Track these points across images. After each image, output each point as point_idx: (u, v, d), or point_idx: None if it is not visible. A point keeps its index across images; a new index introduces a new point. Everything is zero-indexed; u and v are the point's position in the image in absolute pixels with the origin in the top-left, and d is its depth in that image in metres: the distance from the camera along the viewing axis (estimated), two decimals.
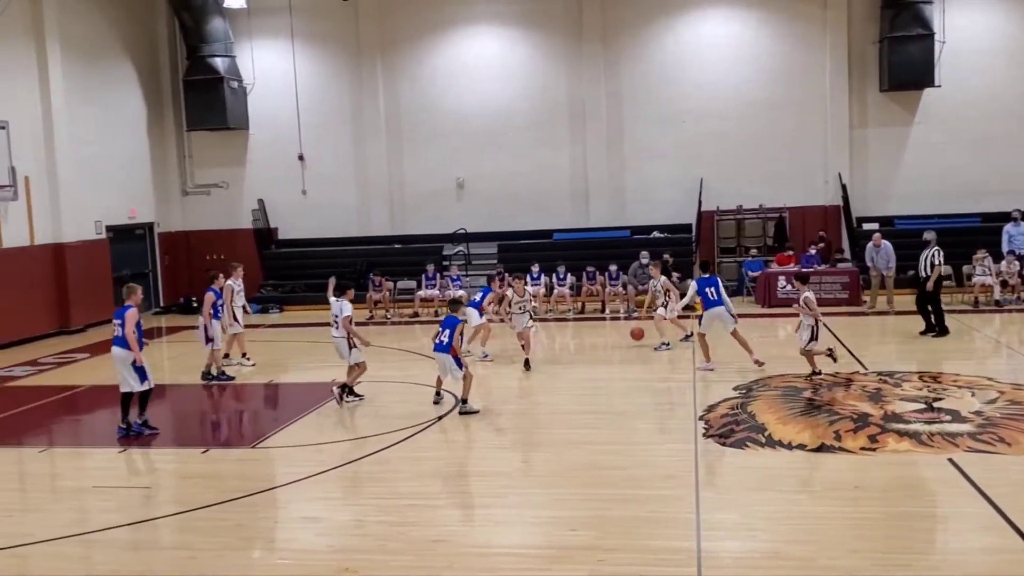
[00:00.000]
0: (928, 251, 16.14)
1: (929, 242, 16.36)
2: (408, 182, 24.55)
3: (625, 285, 19.90)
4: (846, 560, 6.70)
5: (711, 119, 22.96)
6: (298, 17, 24.01)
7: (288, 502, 8.74)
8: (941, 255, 16.01)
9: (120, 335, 10.94)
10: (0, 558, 7.45)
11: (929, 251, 16.12)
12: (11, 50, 18.94)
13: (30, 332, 19.10)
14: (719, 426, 10.45)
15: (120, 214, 22.73)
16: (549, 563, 6.86)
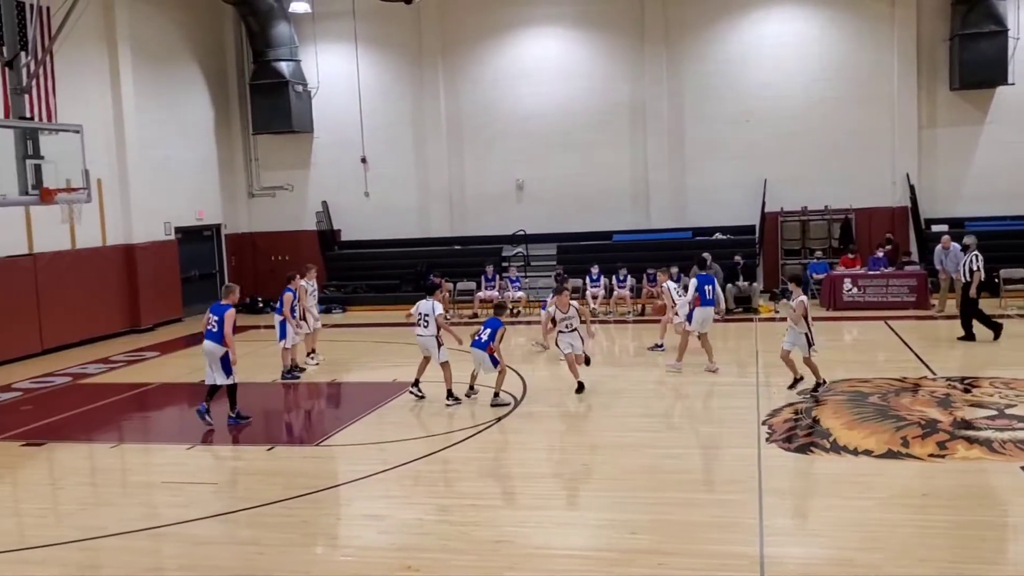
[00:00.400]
0: (967, 256, 15.87)
1: (968, 247, 16.08)
2: (468, 184, 24.70)
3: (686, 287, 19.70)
4: (913, 569, 6.58)
5: (775, 119, 22.67)
6: (361, 21, 24.30)
7: (351, 500, 8.87)
8: (980, 260, 15.66)
9: (216, 331, 11.49)
10: (73, 550, 7.69)
11: (968, 256, 15.84)
12: (85, 56, 19.51)
13: (102, 331, 19.64)
14: (782, 431, 10.32)
15: (188, 216, 23.25)
16: (610, 566, 6.85)
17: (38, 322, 17.86)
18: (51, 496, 9.64)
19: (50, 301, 18.13)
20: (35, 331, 17.79)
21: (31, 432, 11.87)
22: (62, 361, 17.22)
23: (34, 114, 16.49)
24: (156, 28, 22.21)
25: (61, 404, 13.80)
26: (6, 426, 12.25)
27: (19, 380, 15.50)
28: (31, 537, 8.14)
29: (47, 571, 7.26)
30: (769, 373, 13.72)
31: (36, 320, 17.82)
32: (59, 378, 15.73)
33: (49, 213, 15.35)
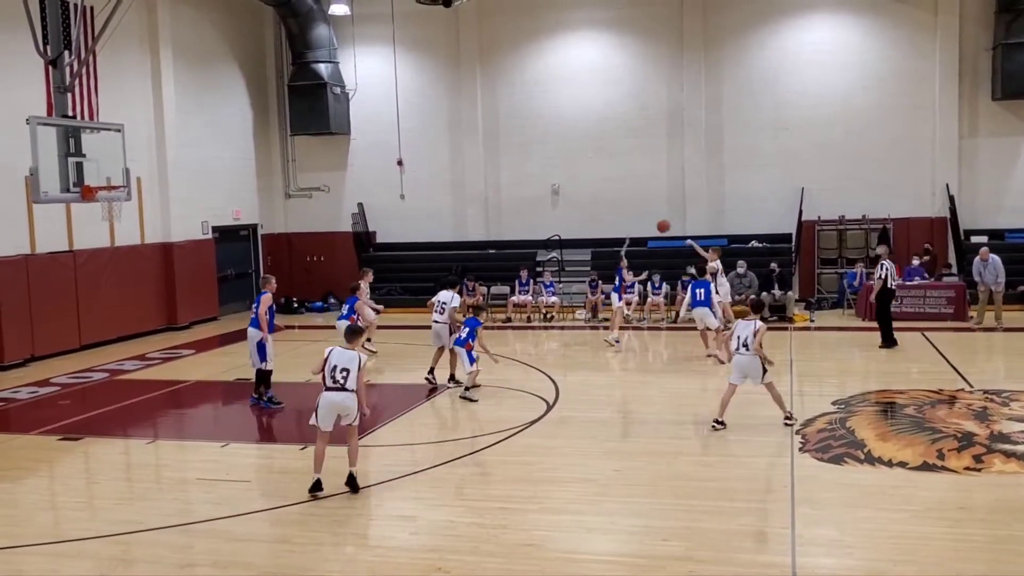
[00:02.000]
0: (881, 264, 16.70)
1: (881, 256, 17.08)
2: (504, 187, 24.74)
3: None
4: None
5: (814, 127, 22.48)
6: (400, 24, 24.43)
7: (383, 500, 8.90)
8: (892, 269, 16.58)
9: (255, 317, 12.39)
10: (108, 544, 7.79)
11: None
12: (128, 57, 19.79)
13: (139, 328, 19.89)
14: (816, 441, 10.22)
15: (225, 215, 23.50)
16: (641, 572, 6.82)
17: (77, 318, 18.13)
18: (87, 490, 9.79)
19: (89, 298, 18.40)
20: (74, 327, 18.06)
21: (68, 427, 12.05)
22: (100, 357, 17.46)
23: (77, 113, 16.73)
24: (197, 30, 22.49)
25: (98, 399, 14.01)
26: (44, 420, 12.46)
27: (57, 375, 15.74)
28: (66, 530, 8.27)
29: (82, 564, 7.36)
30: (803, 383, 13.61)
31: (75, 316, 18.09)
32: (96, 374, 15.96)
33: (89, 211, 15.61)
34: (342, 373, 8.77)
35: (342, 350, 8.90)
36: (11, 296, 16.53)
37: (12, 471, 10.23)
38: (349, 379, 8.77)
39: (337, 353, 8.87)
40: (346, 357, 8.84)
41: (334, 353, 8.88)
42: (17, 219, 16.84)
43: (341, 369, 8.78)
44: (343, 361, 8.81)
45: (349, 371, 8.78)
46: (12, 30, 15.84)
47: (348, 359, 8.82)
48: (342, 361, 8.82)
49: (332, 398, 8.80)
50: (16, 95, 16.29)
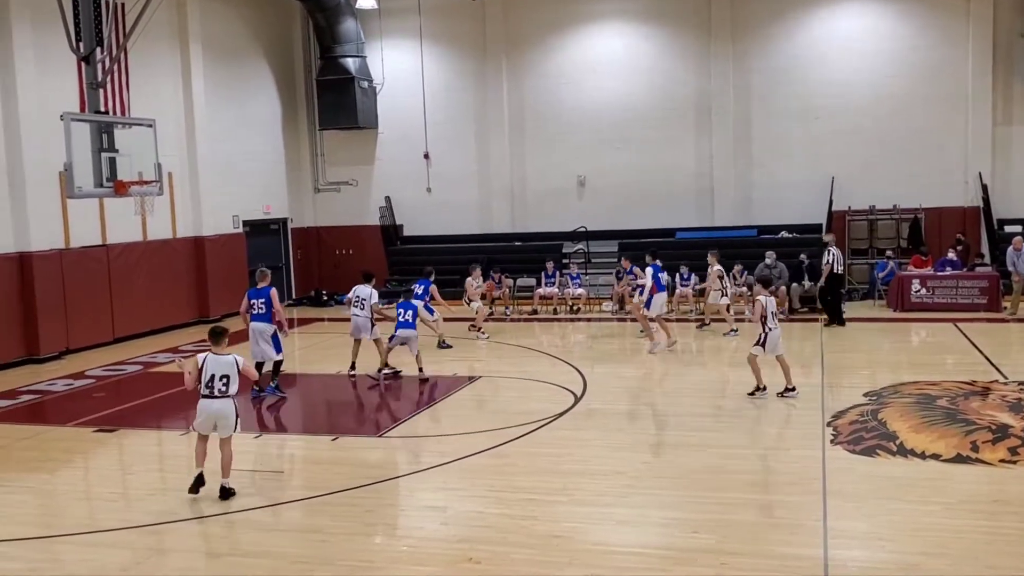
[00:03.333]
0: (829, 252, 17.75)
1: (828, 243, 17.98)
2: (530, 179, 24.73)
3: (750, 287, 19.48)
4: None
5: (844, 116, 22.26)
6: (427, 17, 24.48)
7: (413, 491, 8.97)
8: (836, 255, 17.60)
9: (264, 312, 12.67)
10: (143, 534, 7.90)
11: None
12: (158, 52, 19.96)
13: (172, 321, 20.10)
14: (848, 433, 10.16)
15: (256, 209, 23.67)
16: (671, 564, 6.82)
17: (110, 312, 18.36)
18: (122, 481, 9.92)
19: (122, 292, 18.62)
20: (107, 320, 18.29)
21: (103, 419, 12.22)
22: (133, 350, 17.68)
23: (109, 108, 16.95)
24: (226, 25, 22.64)
25: (132, 392, 14.20)
26: (79, 412, 12.65)
27: (92, 368, 15.96)
28: (102, 520, 8.39)
29: (118, 553, 7.46)
30: (833, 374, 13.52)
31: (109, 310, 18.32)
32: (130, 366, 16.16)
33: (122, 206, 15.81)
34: (221, 381, 8.65)
35: (216, 357, 8.72)
36: (46, 290, 16.77)
37: (49, 462, 10.39)
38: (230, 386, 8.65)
39: (212, 360, 8.69)
40: (223, 363, 8.69)
41: (209, 360, 8.68)
42: (52, 214, 17.07)
43: (220, 376, 8.65)
44: (220, 368, 8.66)
45: (229, 377, 8.66)
46: (46, 28, 16.08)
47: (226, 365, 8.68)
48: (219, 368, 8.66)
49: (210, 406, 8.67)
50: (50, 92, 16.51)
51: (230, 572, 7.09)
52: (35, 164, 16.45)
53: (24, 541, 7.82)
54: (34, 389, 14.44)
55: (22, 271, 16.50)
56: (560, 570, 6.78)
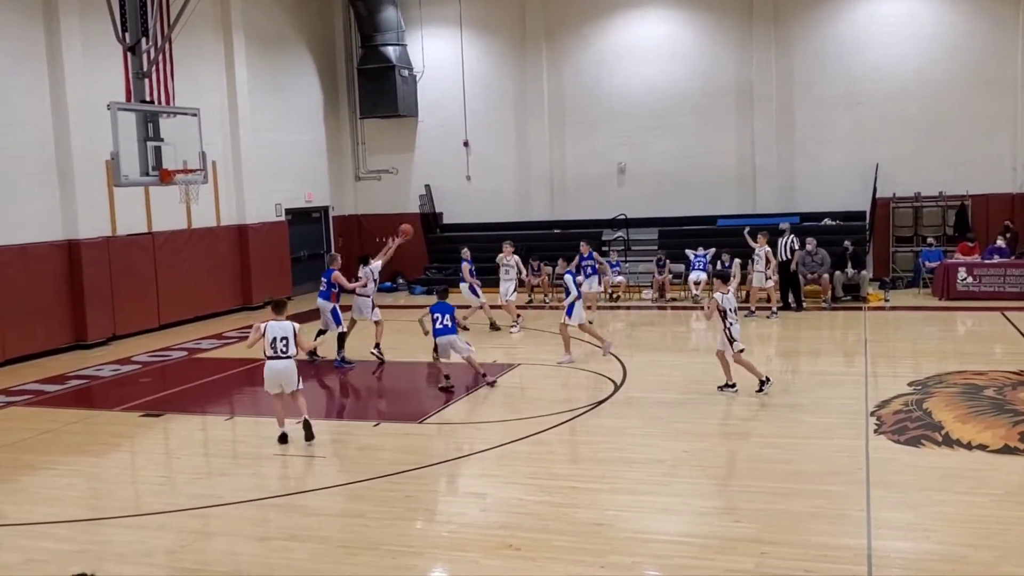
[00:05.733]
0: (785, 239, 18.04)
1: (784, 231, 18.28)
2: (569, 167, 24.66)
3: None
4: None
5: (889, 101, 21.89)
6: (466, 5, 24.48)
7: (453, 477, 9.03)
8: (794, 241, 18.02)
9: (324, 290, 14.36)
10: (188, 517, 8.04)
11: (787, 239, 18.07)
12: (202, 42, 20.18)
13: (216, 308, 20.37)
14: (892, 423, 10.03)
15: (297, 198, 23.88)
16: (712, 553, 6.79)
17: (156, 298, 18.65)
18: (167, 465, 10.10)
19: (167, 279, 18.90)
20: (153, 307, 18.59)
21: (149, 403, 12.44)
22: (178, 336, 17.95)
23: (154, 98, 17.17)
24: (268, 15, 22.81)
25: (177, 377, 14.42)
26: (126, 397, 12.88)
27: (138, 353, 16.23)
28: (148, 504, 8.53)
29: (164, 536, 7.60)
30: (877, 363, 13.36)
31: (154, 297, 18.62)
32: (175, 352, 16.42)
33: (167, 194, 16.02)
34: (282, 342, 9.90)
35: (277, 323, 10.02)
36: (94, 277, 17.07)
37: (96, 446, 10.60)
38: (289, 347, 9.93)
39: (273, 326, 9.97)
40: (283, 328, 9.98)
41: (271, 326, 9.97)
42: (99, 202, 17.36)
43: (280, 339, 9.90)
44: (281, 332, 9.94)
45: (288, 339, 9.94)
46: (93, 19, 16.35)
47: (285, 329, 9.98)
48: (280, 332, 9.94)
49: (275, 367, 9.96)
50: (97, 82, 16.77)
51: (274, 555, 7.18)
52: (83, 153, 16.73)
53: (74, 523, 8.00)
54: (82, 374, 14.74)
55: (70, 258, 16.81)
56: (600, 557, 6.78)
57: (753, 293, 18.22)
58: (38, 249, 16.24)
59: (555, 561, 6.77)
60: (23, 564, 7.11)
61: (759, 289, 18.00)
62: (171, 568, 6.96)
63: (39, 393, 13.41)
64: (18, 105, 15.98)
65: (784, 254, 18.22)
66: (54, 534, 7.74)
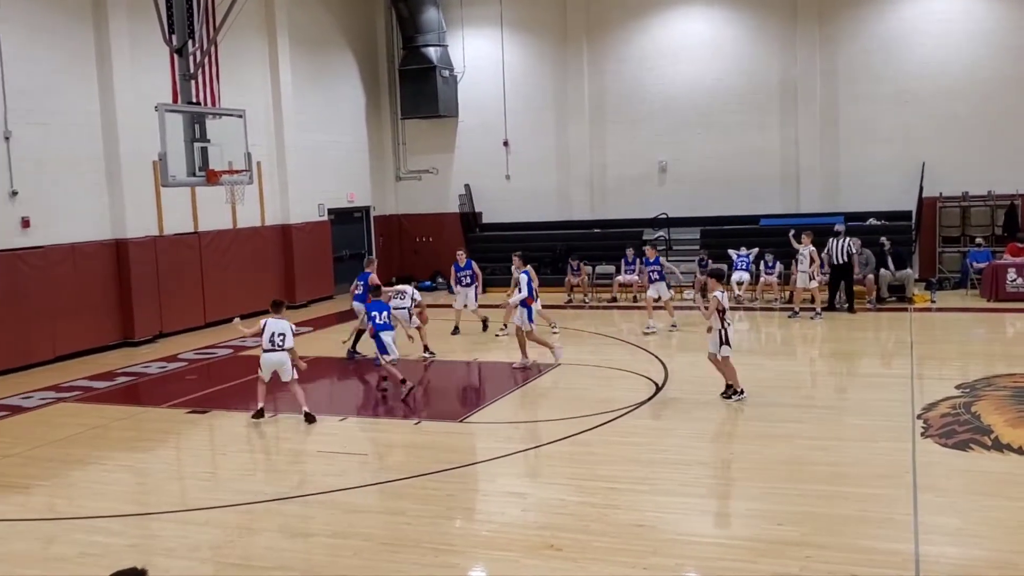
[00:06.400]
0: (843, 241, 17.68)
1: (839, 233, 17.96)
2: (609, 166, 24.59)
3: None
4: None
5: (936, 99, 21.54)
6: (507, 5, 24.52)
7: (494, 476, 9.04)
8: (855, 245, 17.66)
9: (360, 292, 14.77)
10: (232, 513, 8.15)
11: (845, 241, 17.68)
12: (247, 43, 20.43)
13: (260, 306, 20.33)
14: (939, 426, 9.88)
15: (340, 198, 24.07)
16: (756, 556, 6.74)
17: (202, 297, 18.91)
18: (212, 461, 10.25)
19: (213, 278, 19.15)
20: (199, 305, 18.84)
21: (195, 400, 12.64)
22: (223, 334, 18.10)
23: (200, 99, 17.39)
24: (312, 16, 23.03)
25: (223, 375, 14.61)
26: (172, 394, 13.10)
27: (184, 351, 16.47)
28: (194, 499, 8.67)
29: (209, 531, 7.71)
30: (923, 365, 13.17)
31: (200, 295, 18.87)
32: (221, 350, 16.63)
33: (212, 194, 16.26)
34: (279, 337, 11.13)
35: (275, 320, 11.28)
36: (141, 276, 17.36)
37: (144, 442, 10.79)
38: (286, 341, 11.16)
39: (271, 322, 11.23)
40: (280, 325, 11.25)
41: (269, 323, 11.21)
42: (146, 202, 17.65)
43: (278, 334, 11.14)
44: (278, 328, 11.21)
45: (285, 335, 11.18)
46: (140, 22, 16.63)
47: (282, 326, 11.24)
48: (277, 328, 11.21)
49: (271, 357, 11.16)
50: (145, 84, 17.02)
51: (317, 552, 7.26)
52: (131, 154, 17.01)
53: (123, 518, 8.15)
54: (130, 371, 14.99)
55: (118, 257, 17.11)
56: (642, 559, 6.76)
57: (797, 294, 18.06)
58: (87, 248, 16.55)
59: (596, 562, 6.75)
60: (78, 557, 7.25)
61: (803, 289, 17.83)
62: (217, 563, 7.06)
63: (88, 389, 13.67)
64: (69, 107, 16.29)
65: (840, 257, 17.86)
66: (105, 528, 7.89)
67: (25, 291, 15.27)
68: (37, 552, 7.50)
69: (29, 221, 15.48)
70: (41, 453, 10.31)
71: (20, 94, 15.27)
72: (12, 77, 15.11)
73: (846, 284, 17.99)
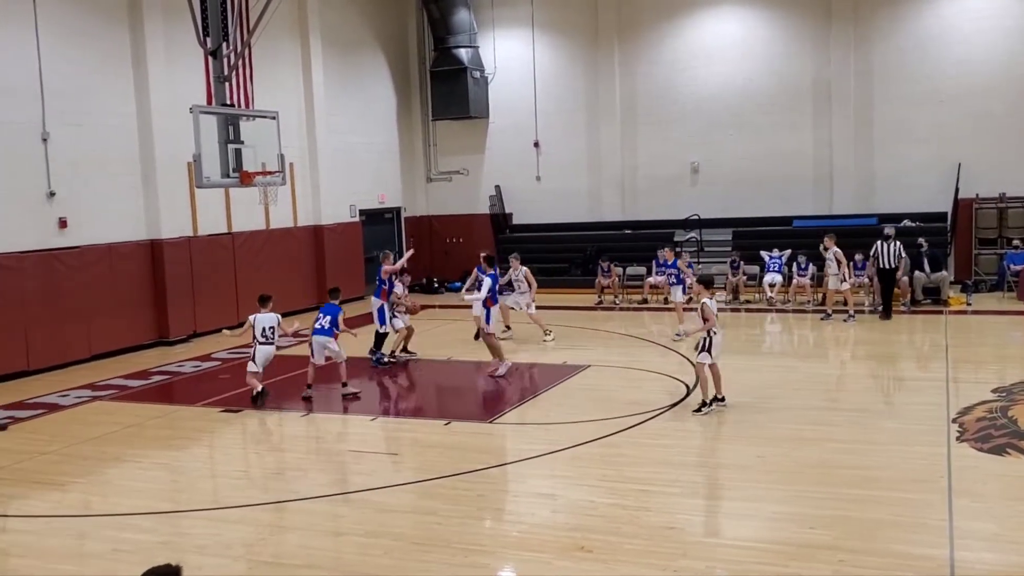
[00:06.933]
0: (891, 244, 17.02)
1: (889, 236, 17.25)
2: (641, 167, 24.52)
3: (871, 277, 18.86)
4: None
5: (972, 99, 21.24)
6: (539, 6, 24.55)
7: (524, 477, 9.04)
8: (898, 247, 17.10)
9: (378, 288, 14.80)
10: (265, 511, 8.22)
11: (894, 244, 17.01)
12: (280, 46, 20.60)
13: (292, 307, 20.61)
14: (975, 430, 9.75)
15: (371, 199, 24.20)
16: (787, 560, 6.69)
17: (235, 297, 19.07)
18: (245, 459, 10.35)
19: (246, 278, 19.30)
20: (232, 305, 19.00)
21: (229, 399, 12.74)
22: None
23: (234, 101, 17.57)
24: (344, 18, 23.17)
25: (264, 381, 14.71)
26: (206, 393, 13.23)
27: (218, 351, 16.60)
28: (227, 498, 8.74)
29: (242, 529, 7.77)
30: (958, 369, 13.00)
31: (233, 295, 19.04)
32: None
33: (246, 195, 16.40)
34: (269, 330, 12.15)
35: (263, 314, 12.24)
36: (176, 276, 17.56)
37: (178, 440, 10.90)
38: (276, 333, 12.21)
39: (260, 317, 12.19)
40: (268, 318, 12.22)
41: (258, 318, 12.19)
42: (181, 203, 17.84)
43: (268, 327, 12.13)
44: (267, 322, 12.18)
45: (274, 328, 12.19)
46: (175, 25, 16.81)
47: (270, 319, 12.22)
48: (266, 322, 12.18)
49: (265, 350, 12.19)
50: (179, 86, 17.23)
51: (348, 551, 7.30)
52: (165, 155, 17.22)
53: (157, 515, 8.24)
54: (164, 370, 15.17)
55: (153, 257, 17.32)
56: (672, 561, 6.73)
57: (829, 295, 17.89)
58: (123, 248, 16.77)
59: (626, 564, 6.74)
60: (111, 554, 7.35)
61: (835, 292, 17.67)
62: (249, 561, 7.12)
63: (124, 388, 13.84)
64: (105, 108, 16.51)
65: (891, 261, 17.27)
66: (138, 525, 7.99)
67: (62, 291, 15.50)
68: (71, 548, 7.61)
69: (66, 221, 15.72)
70: (77, 451, 10.45)
71: (57, 96, 15.51)
72: (49, 79, 15.35)
73: (888, 289, 17.49)
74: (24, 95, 15.03)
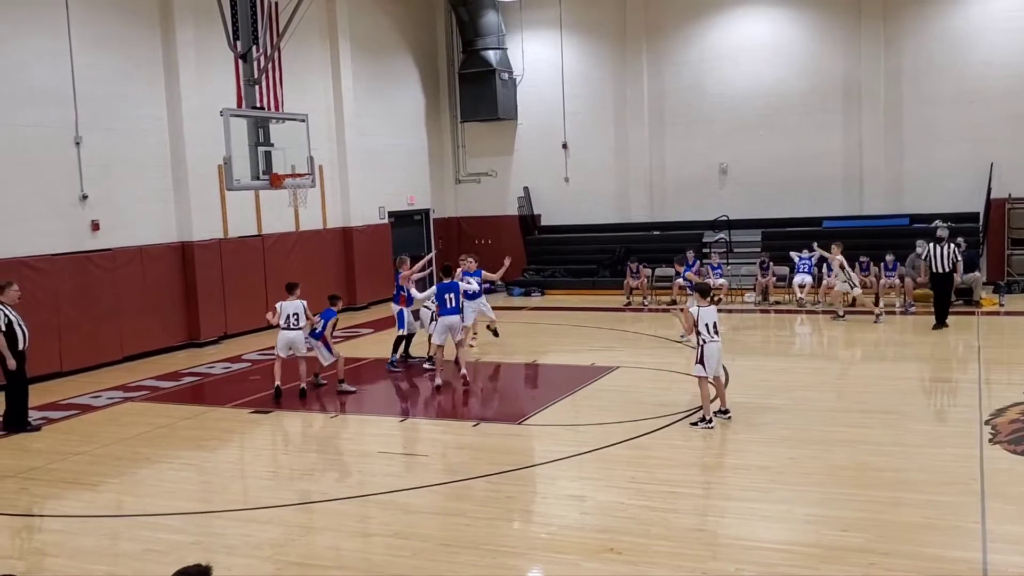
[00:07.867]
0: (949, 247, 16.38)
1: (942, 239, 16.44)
2: (669, 168, 24.42)
3: (902, 277, 18.69)
4: None
5: (1004, 98, 20.95)
6: (567, 8, 24.54)
7: (553, 479, 9.04)
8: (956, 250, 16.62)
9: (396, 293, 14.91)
10: (294, 512, 8.30)
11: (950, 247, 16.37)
12: (310, 49, 20.74)
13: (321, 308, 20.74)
14: (1008, 432, 9.63)
15: (400, 200, 24.29)
16: (818, 562, 6.64)
17: (265, 298, 19.13)
18: (275, 460, 10.43)
19: (276, 280, 19.37)
20: (262, 307, 19.00)
21: (259, 400, 12.84)
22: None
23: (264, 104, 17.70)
24: (373, 21, 23.28)
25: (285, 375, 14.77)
26: (237, 394, 13.35)
27: (248, 352, 16.76)
28: (256, 498, 8.80)
29: (271, 529, 7.83)
30: (991, 370, 12.84)
31: (263, 297, 19.10)
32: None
33: (275, 197, 16.53)
34: (293, 317, 12.63)
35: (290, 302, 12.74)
36: (207, 278, 17.72)
37: (209, 441, 11.00)
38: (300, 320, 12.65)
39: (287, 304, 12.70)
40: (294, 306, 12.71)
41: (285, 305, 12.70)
42: (211, 205, 18.01)
43: (292, 314, 12.62)
44: (292, 309, 12.67)
45: (299, 315, 12.66)
46: (206, 29, 17.00)
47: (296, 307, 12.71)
48: (291, 309, 12.66)
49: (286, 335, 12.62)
50: (210, 89, 17.38)
51: (377, 552, 7.33)
52: (196, 158, 17.38)
53: (188, 515, 8.32)
54: (195, 371, 15.32)
55: (184, 259, 17.49)
56: (702, 563, 6.71)
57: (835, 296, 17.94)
58: (154, 250, 16.95)
59: (656, 566, 6.72)
60: (142, 553, 7.43)
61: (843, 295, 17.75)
62: (278, 561, 7.17)
63: (155, 389, 13.99)
64: (137, 113, 16.71)
65: (943, 265, 16.40)
66: (169, 525, 8.07)
67: (94, 292, 15.69)
68: (104, 548, 7.70)
69: (99, 224, 15.91)
70: (109, 451, 10.58)
71: (90, 101, 15.71)
72: (82, 85, 15.56)
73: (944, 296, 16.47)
74: (58, 100, 15.24)
